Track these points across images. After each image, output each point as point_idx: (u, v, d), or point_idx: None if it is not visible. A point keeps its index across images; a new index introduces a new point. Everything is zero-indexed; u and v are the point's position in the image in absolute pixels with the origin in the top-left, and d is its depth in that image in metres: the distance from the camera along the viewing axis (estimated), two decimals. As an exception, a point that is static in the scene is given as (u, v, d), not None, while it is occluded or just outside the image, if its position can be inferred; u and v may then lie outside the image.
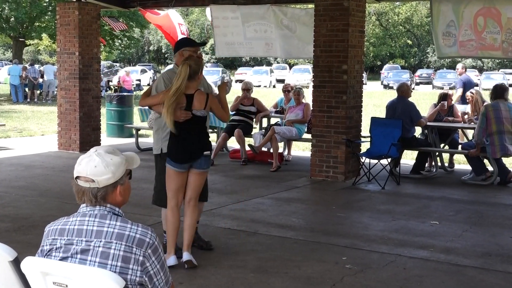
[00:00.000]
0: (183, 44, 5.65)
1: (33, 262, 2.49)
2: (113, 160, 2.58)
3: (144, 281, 2.53)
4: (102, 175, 2.55)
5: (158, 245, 2.55)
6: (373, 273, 5.30)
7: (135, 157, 2.75)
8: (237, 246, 6.03)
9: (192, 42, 5.72)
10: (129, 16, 29.86)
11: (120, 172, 2.60)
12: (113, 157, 2.59)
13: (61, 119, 12.21)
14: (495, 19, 9.56)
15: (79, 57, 11.88)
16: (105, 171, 2.55)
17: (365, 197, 8.59)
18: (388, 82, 45.34)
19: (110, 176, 2.56)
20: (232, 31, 12.14)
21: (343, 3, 9.28)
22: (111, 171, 2.56)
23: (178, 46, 5.63)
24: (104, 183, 2.56)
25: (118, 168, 2.58)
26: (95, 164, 2.55)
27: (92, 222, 2.54)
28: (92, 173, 2.55)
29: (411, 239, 6.36)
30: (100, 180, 2.55)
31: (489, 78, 42.20)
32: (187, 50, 5.48)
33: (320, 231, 6.65)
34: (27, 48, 50.48)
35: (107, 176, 2.55)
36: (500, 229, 6.88)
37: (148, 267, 2.52)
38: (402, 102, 9.94)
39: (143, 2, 12.79)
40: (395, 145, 9.11)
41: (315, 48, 9.61)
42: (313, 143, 9.74)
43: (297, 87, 11.40)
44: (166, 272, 2.60)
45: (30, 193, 8.30)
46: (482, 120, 9.23)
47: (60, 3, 12.46)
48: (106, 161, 2.56)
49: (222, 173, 10.04)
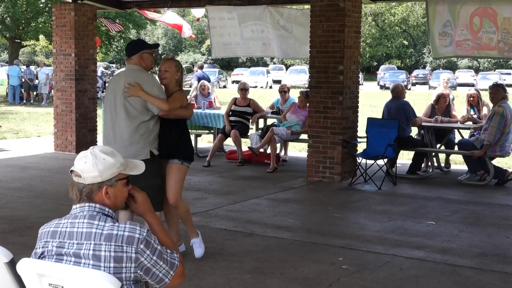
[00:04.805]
0: (142, 46, 5.43)
1: (28, 264, 2.49)
2: (105, 160, 2.59)
3: (139, 275, 2.53)
4: (88, 172, 2.57)
5: (149, 237, 2.54)
6: (369, 273, 5.30)
7: (140, 165, 2.77)
8: (233, 247, 6.03)
9: (149, 44, 5.54)
10: (125, 17, 29.86)
11: (109, 173, 2.60)
12: (106, 157, 2.60)
13: (58, 121, 12.19)
14: (491, 19, 9.58)
15: (75, 58, 11.86)
16: (92, 168, 2.57)
17: (362, 197, 8.59)
18: (385, 82, 45.43)
19: (97, 174, 2.57)
20: (229, 32, 12.14)
21: (339, 4, 9.29)
22: (98, 170, 2.57)
23: (138, 48, 5.40)
24: (90, 181, 2.58)
25: (107, 169, 2.59)
26: (85, 160, 2.59)
27: (82, 224, 2.54)
28: (80, 169, 2.58)
29: (408, 240, 6.37)
30: (86, 177, 2.57)
31: (485, 79, 42.35)
32: (147, 53, 5.35)
33: (317, 232, 6.65)
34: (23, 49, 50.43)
35: (93, 174, 2.57)
36: (496, 229, 6.89)
37: (144, 261, 2.51)
38: (397, 102, 9.97)
39: (139, 3, 12.80)
40: (391, 146, 9.12)
41: (311, 48, 9.62)
42: (309, 144, 9.74)
43: (305, 90, 11.19)
44: (166, 259, 2.59)
45: (26, 195, 8.29)
46: (500, 121, 9.19)
47: (56, 4, 12.44)
48: (97, 159, 2.58)
49: (219, 174, 10.04)
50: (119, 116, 5.25)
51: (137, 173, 2.73)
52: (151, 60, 5.41)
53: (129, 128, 5.20)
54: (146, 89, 5.17)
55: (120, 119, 5.24)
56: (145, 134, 5.21)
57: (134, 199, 2.76)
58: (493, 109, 9.41)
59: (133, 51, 5.37)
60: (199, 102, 12.22)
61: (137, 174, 2.73)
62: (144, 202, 2.77)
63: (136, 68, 5.33)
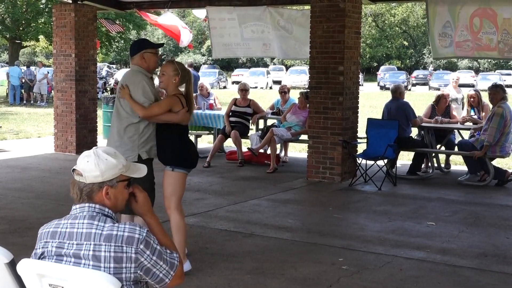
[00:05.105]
0: (144, 45, 5.34)
1: (29, 264, 2.49)
2: (107, 161, 2.60)
3: (139, 275, 2.53)
4: (90, 172, 2.58)
5: (149, 238, 2.54)
6: (369, 274, 5.30)
7: (142, 168, 2.79)
8: (233, 247, 6.03)
9: (152, 43, 5.44)
10: (125, 17, 29.89)
11: (111, 174, 2.60)
12: (109, 158, 2.62)
13: (58, 121, 12.19)
14: (491, 19, 9.58)
15: (75, 59, 11.86)
16: (94, 168, 2.58)
17: (362, 198, 8.59)
18: (385, 83, 45.42)
19: (98, 174, 2.58)
20: (229, 32, 12.15)
21: (339, 5, 9.29)
22: (100, 169, 2.58)
23: (139, 47, 5.31)
24: (90, 180, 2.58)
25: (109, 169, 2.60)
26: (88, 159, 2.60)
27: (82, 224, 2.54)
28: (82, 168, 2.59)
29: (408, 240, 6.37)
30: (88, 176, 2.58)
31: (485, 79, 42.36)
32: (149, 52, 5.25)
33: (317, 232, 6.66)
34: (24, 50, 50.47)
35: (94, 174, 2.58)
36: (496, 229, 6.89)
37: (144, 262, 2.51)
38: (397, 102, 9.98)
39: (139, 3, 12.81)
40: (391, 146, 9.12)
41: (311, 49, 9.62)
42: (309, 145, 9.74)
43: (305, 91, 11.19)
44: (166, 259, 2.59)
45: (27, 195, 8.29)
46: (500, 121, 9.19)
47: (56, 4, 12.45)
48: (99, 159, 2.59)
49: (219, 175, 10.04)
50: (113, 116, 5.33)
51: (139, 176, 2.74)
52: (154, 60, 5.30)
53: (118, 128, 5.20)
54: (131, 91, 5.12)
55: (113, 119, 5.31)
56: (133, 137, 5.14)
57: (135, 198, 2.77)
58: (492, 110, 9.42)
59: (135, 50, 5.31)
60: (199, 102, 12.22)
61: (138, 177, 2.74)
62: (145, 202, 2.78)
63: (134, 68, 5.29)
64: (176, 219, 5.17)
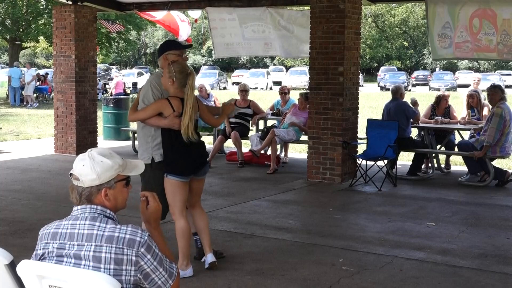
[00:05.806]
0: (167, 47, 5.29)
1: (29, 266, 2.49)
2: (102, 163, 2.59)
3: (138, 279, 2.53)
4: (87, 175, 2.58)
5: (150, 242, 2.54)
6: (369, 274, 5.30)
7: (139, 164, 2.77)
8: (233, 248, 6.03)
9: (177, 45, 5.41)
10: (125, 18, 29.89)
11: (108, 175, 2.60)
12: (104, 160, 2.61)
13: (58, 122, 12.20)
14: (491, 20, 9.58)
15: (75, 60, 11.87)
16: (90, 172, 2.57)
17: (362, 198, 8.59)
18: (385, 83, 45.42)
19: (95, 177, 2.58)
20: (230, 32, 12.17)
21: (339, 5, 9.30)
22: (96, 172, 2.57)
23: (163, 49, 5.28)
24: (88, 184, 2.58)
25: (105, 171, 2.59)
26: (83, 163, 2.59)
27: (83, 225, 2.54)
28: (78, 172, 2.59)
29: (408, 241, 6.37)
30: (85, 180, 2.58)
31: (485, 80, 42.29)
32: (172, 54, 5.18)
33: (317, 233, 6.66)
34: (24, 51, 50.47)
35: (91, 177, 2.58)
36: (497, 230, 6.89)
37: (144, 265, 2.51)
38: (396, 102, 9.99)
39: (139, 5, 12.81)
40: (391, 147, 9.12)
41: (311, 50, 9.63)
42: (309, 145, 9.74)
43: (305, 91, 11.16)
44: (165, 267, 2.59)
45: (27, 197, 8.29)
46: (500, 122, 9.19)
47: (56, 6, 12.45)
48: (94, 162, 2.58)
49: (219, 176, 10.04)
50: None
51: (136, 174, 2.74)
52: None
53: (138, 130, 5.33)
54: (140, 94, 5.24)
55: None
56: (148, 138, 5.18)
57: (147, 204, 2.76)
58: (492, 110, 9.43)
59: (160, 52, 5.30)
60: (199, 103, 12.21)
61: (136, 174, 2.74)
62: (155, 213, 2.76)
63: (157, 71, 5.37)
64: (180, 225, 5.10)
